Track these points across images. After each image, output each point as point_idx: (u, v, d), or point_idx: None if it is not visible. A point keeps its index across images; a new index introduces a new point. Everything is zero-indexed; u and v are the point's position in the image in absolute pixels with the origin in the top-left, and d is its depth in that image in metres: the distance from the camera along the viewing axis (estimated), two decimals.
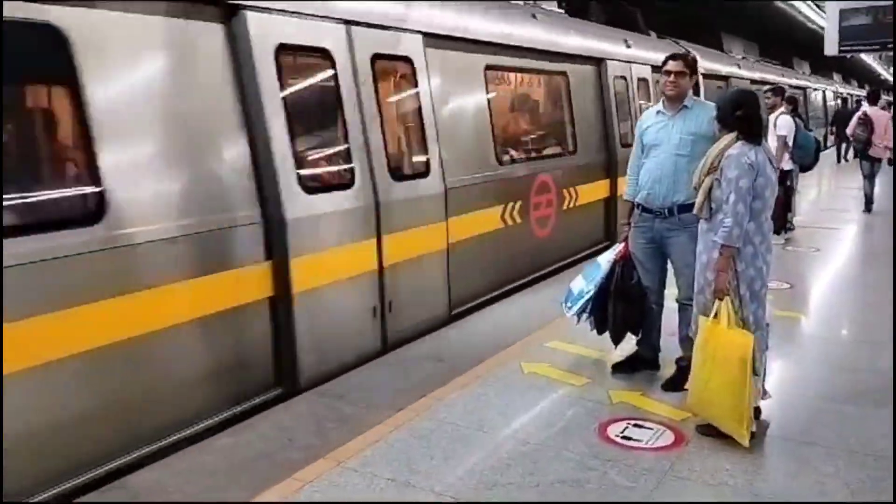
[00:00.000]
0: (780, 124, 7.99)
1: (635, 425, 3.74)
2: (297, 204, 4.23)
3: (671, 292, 4.29)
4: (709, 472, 3.29)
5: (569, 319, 4.53)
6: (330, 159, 4.80)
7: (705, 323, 3.54)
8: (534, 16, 7.39)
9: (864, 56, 26.49)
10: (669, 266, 4.26)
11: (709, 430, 3.59)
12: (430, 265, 5.46)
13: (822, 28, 11.75)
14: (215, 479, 3.28)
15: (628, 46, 9.31)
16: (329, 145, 4.80)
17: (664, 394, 4.09)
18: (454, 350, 4.87)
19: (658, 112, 4.20)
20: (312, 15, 4.46)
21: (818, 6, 12.50)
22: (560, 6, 9.02)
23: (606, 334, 4.40)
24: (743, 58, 16.81)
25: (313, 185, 4.42)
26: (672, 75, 4.04)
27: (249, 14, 4.04)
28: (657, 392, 4.13)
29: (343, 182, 4.68)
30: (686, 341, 4.04)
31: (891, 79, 46.28)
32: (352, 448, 3.52)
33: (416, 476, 3.27)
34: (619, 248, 4.28)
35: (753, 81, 15.25)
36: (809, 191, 10.00)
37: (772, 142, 8.18)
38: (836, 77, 33.81)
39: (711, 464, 3.37)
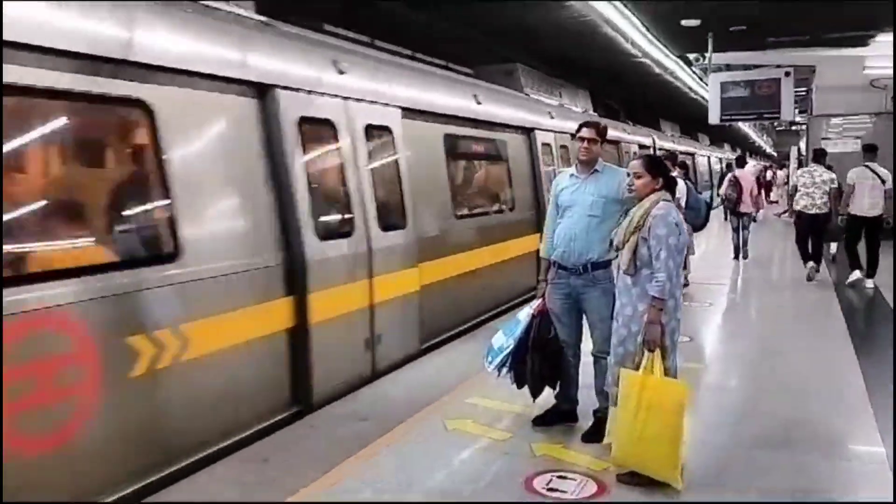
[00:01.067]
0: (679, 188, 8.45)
1: (559, 477, 3.84)
2: (314, 248, 4.96)
3: (586, 346, 4.48)
4: None
5: (489, 374, 4.63)
6: (336, 211, 5.49)
7: (632, 376, 3.66)
8: (475, 96, 8.20)
9: (741, 125, 28.60)
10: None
11: (630, 479, 3.73)
12: (407, 304, 6.14)
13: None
14: None
15: (552, 118, 10.27)
16: (335, 199, 5.51)
17: (584, 445, 4.21)
18: (377, 409, 4.86)
19: (571, 175, 4.42)
20: (322, 93, 5.33)
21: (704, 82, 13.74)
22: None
23: (517, 388, 4.53)
24: (672, 134, 20.38)
25: (324, 234, 5.13)
26: (586, 141, 4.29)
27: (280, 91, 4.84)
28: (577, 443, 4.25)
29: (346, 231, 5.44)
30: (602, 392, 4.20)
31: (764, 145, 50.12)
32: None
33: None
34: (536, 303, 4.43)
35: (680, 152, 17.40)
36: (699, 248, 10.60)
37: None
38: (726, 145, 36.66)
39: None
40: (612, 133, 11.39)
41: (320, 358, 4.96)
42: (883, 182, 9.30)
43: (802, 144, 32.79)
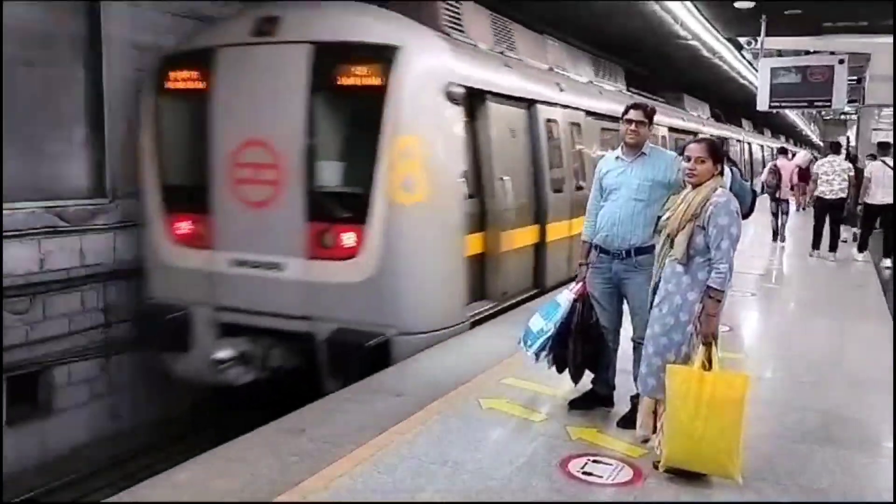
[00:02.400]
0: None
1: (594, 461, 3.80)
2: (550, 197, 8.12)
3: (624, 331, 4.42)
4: None
5: (524, 357, 4.59)
6: (557, 175, 8.41)
7: (687, 372, 3.51)
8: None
9: (789, 113, 27.92)
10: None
11: (673, 471, 3.64)
12: (557, 248, 8.32)
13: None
14: None
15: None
16: (556, 167, 8.41)
17: (620, 430, 4.16)
18: (413, 385, 4.87)
19: (617, 157, 4.32)
20: (553, 104, 8.51)
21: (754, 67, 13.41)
22: None
23: (556, 372, 4.49)
24: (707, 118, 20.18)
25: (554, 189, 8.25)
26: (633, 124, 4.17)
27: (539, 105, 8.08)
28: (613, 429, 4.20)
29: (559, 188, 8.43)
30: (640, 379, 4.15)
31: (811, 134, 48.82)
32: (316, 483, 3.48)
33: None
34: (576, 287, 4.36)
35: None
36: (744, 238, 10.45)
37: None
38: (767, 132, 35.83)
39: (672, 498, 3.46)
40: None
41: (549, 263, 8.01)
42: None
43: (851, 134, 31.88)
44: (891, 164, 10.54)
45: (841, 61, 10.51)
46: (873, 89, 13.53)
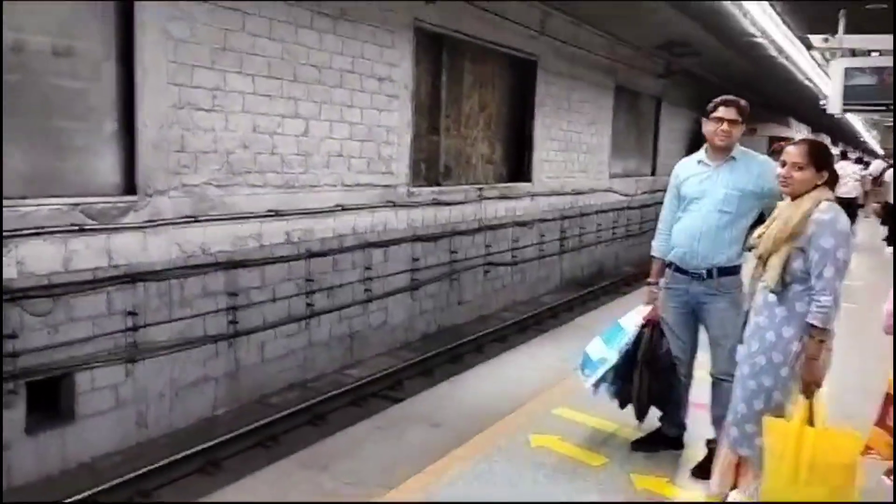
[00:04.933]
0: None
1: None
2: None
3: (700, 363, 3.85)
4: None
5: (579, 384, 4.06)
6: None
7: (784, 427, 2.94)
8: None
9: (849, 116, 26.67)
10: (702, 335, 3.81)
11: None
12: None
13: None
14: None
15: None
16: None
17: (693, 480, 3.63)
18: (451, 413, 4.39)
19: (699, 162, 3.74)
20: None
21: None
22: None
23: (619, 407, 3.95)
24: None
25: None
26: (724, 123, 3.59)
27: None
28: (685, 477, 3.67)
29: None
30: (719, 422, 3.57)
31: (871, 141, 46.91)
32: None
33: None
34: (644, 310, 3.82)
35: None
36: None
37: None
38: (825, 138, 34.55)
39: None
40: None
41: None
42: None
43: None
44: None
45: None
46: None
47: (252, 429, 6.14)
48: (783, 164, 3.13)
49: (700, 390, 3.80)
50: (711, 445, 3.61)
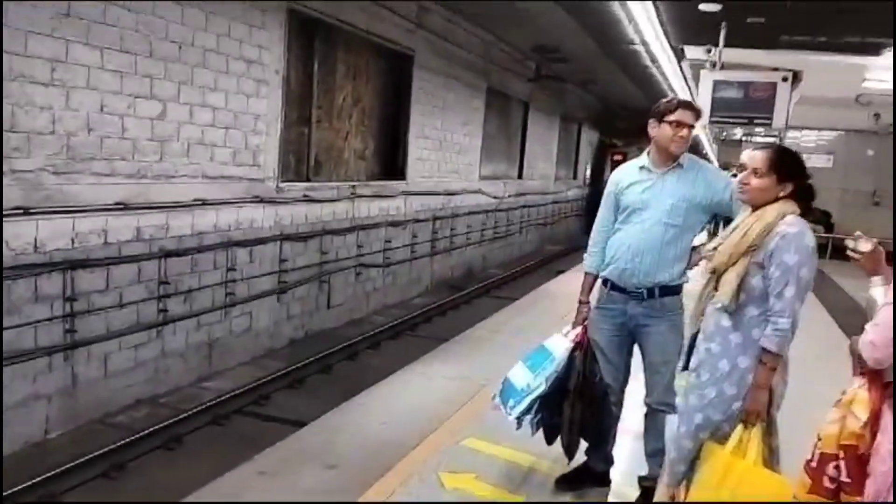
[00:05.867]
0: None
1: None
2: None
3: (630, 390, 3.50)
4: None
5: (482, 408, 3.62)
6: None
7: (720, 452, 2.65)
8: None
9: (698, 130, 28.09)
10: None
11: None
12: None
13: None
14: None
15: None
16: None
17: None
18: (348, 450, 3.81)
19: (642, 168, 3.35)
20: None
21: None
22: None
23: (546, 442, 3.50)
24: None
25: None
26: (684, 128, 3.21)
27: None
28: None
29: None
30: (654, 456, 3.24)
31: (711, 154, 50.29)
32: None
33: None
34: (573, 332, 3.39)
35: None
36: None
37: None
38: None
39: None
40: None
41: None
42: None
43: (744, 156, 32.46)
44: None
45: (784, 79, 10.13)
46: (798, 111, 13.40)
47: (93, 456, 5.26)
48: (740, 169, 2.81)
49: (630, 420, 3.44)
50: (645, 483, 3.28)
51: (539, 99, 17.82)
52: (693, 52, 10.10)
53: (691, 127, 3.23)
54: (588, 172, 25.59)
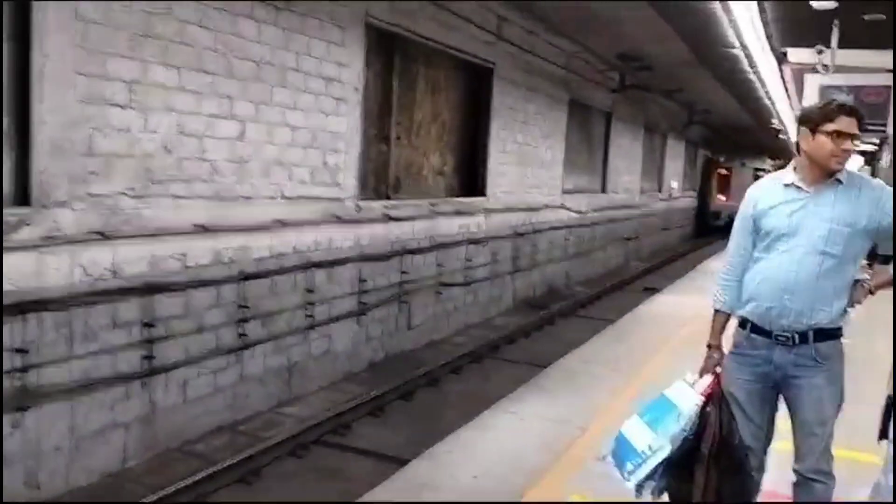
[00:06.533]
0: None
1: None
2: None
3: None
4: None
5: (585, 453, 3.15)
6: None
7: None
8: None
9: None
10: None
11: None
12: None
13: None
14: None
15: None
16: None
17: None
18: None
19: (789, 185, 2.81)
20: None
21: None
22: None
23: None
24: None
25: None
26: (848, 140, 2.65)
27: None
28: None
29: None
30: None
31: None
32: None
33: None
34: (704, 381, 2.87)
35: None
36: None
37: None
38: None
39: None
40: None
41: None
42: None
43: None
44: None
45: None
46: None
47: (169, 493, 5.05)
48: None
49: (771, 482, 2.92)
50: None
51: (622, 110, 17.20)
52: (795, 54, 9.33)
53: (855, 137, 2.69)
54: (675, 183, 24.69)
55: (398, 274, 8.97)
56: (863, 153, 20.90)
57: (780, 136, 24.80)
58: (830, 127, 2.66)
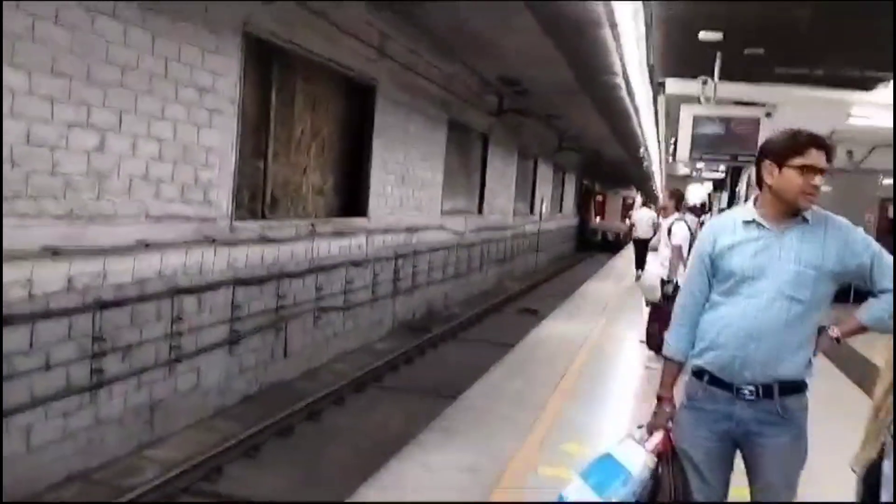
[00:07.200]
0: (676, 231, 7.09)
1: None
2: None
3: None
4: None
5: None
6: None
7: None
8: None
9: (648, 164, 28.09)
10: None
11: None
12: None
13: None
14: None
15: None
16: None
17: None
18: None
19: (749, 223, 2.53)
20: None
21: None
22: None
23: None
24: None
25: None
26: (817, 175, 2.40)
27: None
28: None
29: None
30: None
31: (659, 190, 50.28)
32: None
33: None
34: (652, 440, 2.57)
35: None
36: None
37: (664, 252, 7.25)
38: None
39: None
40: None
41: None
42: None
43: (692, 188, 32.14)
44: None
45: (768, 114, 9.76)
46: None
47: None
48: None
49: None
50: None
51: (499, 133, 17.32)
52: (673, 85, 9.59)
53: (824, 172, 2.47)
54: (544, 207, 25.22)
55: (275, 299, 8.39)
56: (712, 181, 22.28)
57: (645, 165, 25.88)
58: (799, 161, 2.41)
